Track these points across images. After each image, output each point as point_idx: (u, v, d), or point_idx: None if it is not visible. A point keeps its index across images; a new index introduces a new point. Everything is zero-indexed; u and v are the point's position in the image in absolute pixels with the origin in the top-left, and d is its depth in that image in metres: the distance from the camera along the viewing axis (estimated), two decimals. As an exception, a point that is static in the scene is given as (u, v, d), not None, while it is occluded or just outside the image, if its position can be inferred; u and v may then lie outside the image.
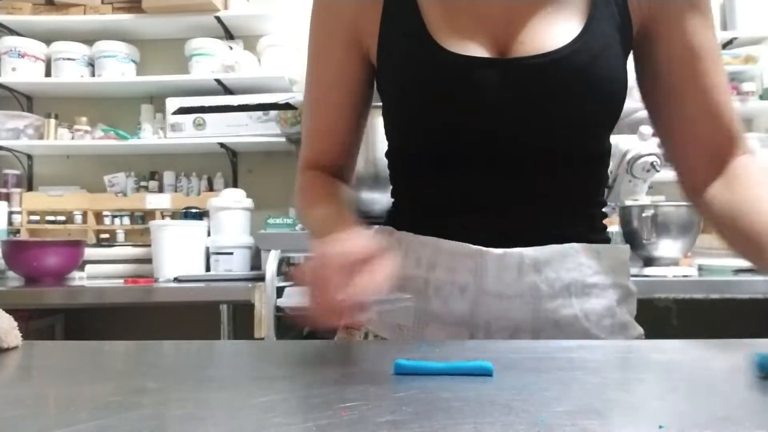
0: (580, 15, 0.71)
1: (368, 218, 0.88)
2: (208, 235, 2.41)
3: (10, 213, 2.76)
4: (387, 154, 0.82)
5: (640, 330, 0.77)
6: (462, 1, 0.71)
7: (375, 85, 0.81)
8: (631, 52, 0.76)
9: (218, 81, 2.69)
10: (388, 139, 0.81)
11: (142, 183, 2.87)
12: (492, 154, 0.71)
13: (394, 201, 0.82)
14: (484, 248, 0.70)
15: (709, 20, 0.73)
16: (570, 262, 0.71)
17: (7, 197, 2.79)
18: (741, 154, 0.74)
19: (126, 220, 2.79)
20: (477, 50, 0.70)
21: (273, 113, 2.59)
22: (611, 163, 1.14)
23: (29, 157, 2.96)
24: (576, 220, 0.74)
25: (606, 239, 0.78)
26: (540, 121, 0.70)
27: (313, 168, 0.83)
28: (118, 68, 2.75)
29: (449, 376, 0.49)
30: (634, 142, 1.80)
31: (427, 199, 0.76)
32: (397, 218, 0.80)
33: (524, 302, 0.70)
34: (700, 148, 0.74)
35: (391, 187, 0.83)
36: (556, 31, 0.69)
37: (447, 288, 0.71)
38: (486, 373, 0.49)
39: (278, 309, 1.93)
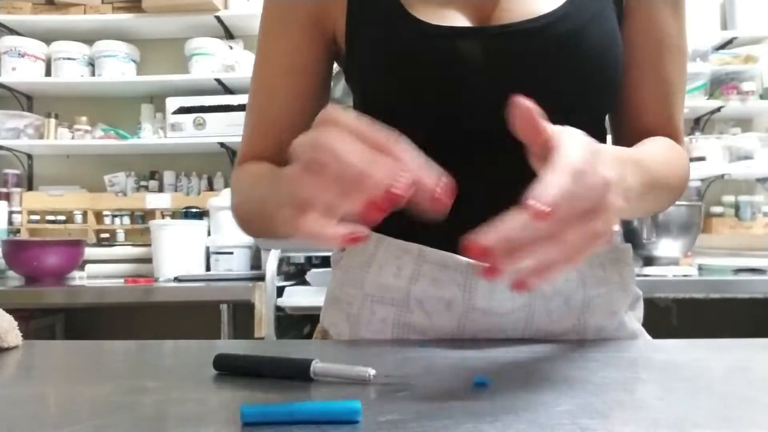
0: None
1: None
2: (208, 234, 2.41)
3: (10, 213, 2.76)
4: None
5: (649, 338, 0.72)
6: None
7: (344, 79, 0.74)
8: None
9: (218, 80, 2.69)
10: None
11: (142, 183, 2.87)
12: (480, 136, 0.65)
13: None
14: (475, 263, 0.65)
15: (679, 14, 0.70)
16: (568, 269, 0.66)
17: (7, 197, 2.80)
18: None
19: (126, 220, 2.79)
20: (458, 21, 0.65)
21: (273, 113, 2.59)
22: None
23: (29, 156, 2.96)
24: None
25: None
26: (532, 93, 0.64)
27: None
28: (118, 68, 2.75)
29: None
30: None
31: None
32: None
33: (516, 318, 0.65)
34: (636, 138, 0.69)
35: None
36: None
37: (431, 302, 0.66)
38: (352, 420, 0.37)
39: (278, 309, 1.93)
